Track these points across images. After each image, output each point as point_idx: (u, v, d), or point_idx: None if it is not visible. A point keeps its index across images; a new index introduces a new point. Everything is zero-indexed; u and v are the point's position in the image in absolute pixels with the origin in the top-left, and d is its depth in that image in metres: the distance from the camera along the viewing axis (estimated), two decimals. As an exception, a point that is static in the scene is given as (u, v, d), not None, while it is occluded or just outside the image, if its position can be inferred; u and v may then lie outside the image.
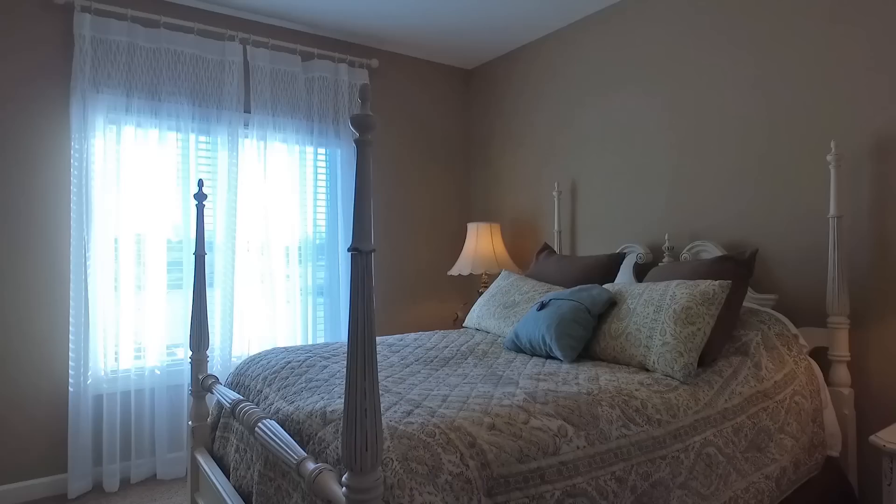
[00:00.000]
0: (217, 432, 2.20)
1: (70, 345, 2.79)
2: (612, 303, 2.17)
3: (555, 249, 3.32)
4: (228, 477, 2.00)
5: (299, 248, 3.46)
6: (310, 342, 3.51)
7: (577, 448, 1.40)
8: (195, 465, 2.24)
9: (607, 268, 2.66)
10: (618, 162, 3.15)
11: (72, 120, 2.81)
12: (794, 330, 2.17)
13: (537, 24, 3.47)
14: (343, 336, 3.61)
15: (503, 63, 3.98)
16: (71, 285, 2.79)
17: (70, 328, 2.80)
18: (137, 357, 2.98)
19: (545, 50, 3.64)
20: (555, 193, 3.42)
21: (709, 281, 1.98)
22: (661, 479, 1.53)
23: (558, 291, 2.37)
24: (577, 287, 2.27)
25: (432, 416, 1.37)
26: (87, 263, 2.82)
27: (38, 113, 2.78)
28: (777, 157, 2.45)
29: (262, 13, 3.33)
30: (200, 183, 2.27)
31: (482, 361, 2.07)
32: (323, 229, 3.60)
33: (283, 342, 3.40)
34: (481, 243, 3.57)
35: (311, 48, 3.53)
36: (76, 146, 2.81)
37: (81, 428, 2.77)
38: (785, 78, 2.43)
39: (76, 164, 2.81)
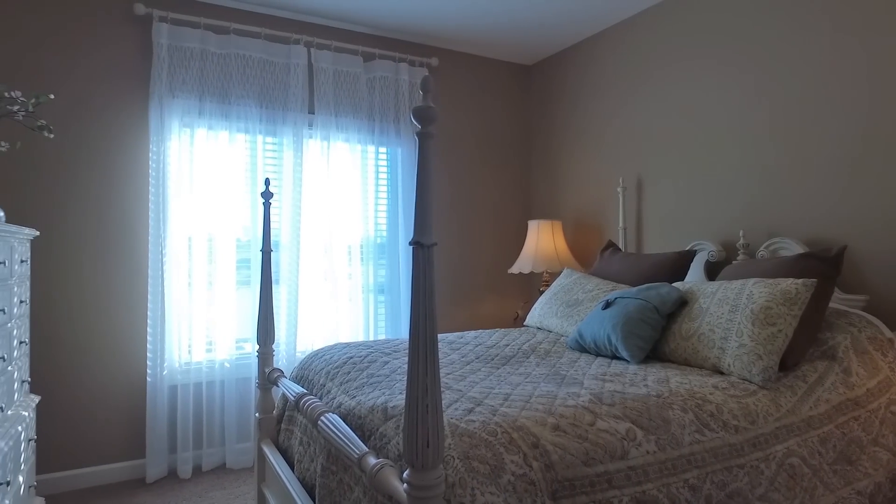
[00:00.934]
0: (282, 425, 2.25)
1: (148, 337, 2.94)
2: (683, 302, 2.06)
3: (620, 247, 3.21)
4: (293, 469, 2.05)
5: (361, 247, 3.51)
6: (371, 339, 3.55)
7: (647, 453, 1.33)
8: (262, 456, 2.30)
9: (677, 266, 2.54)
10: (687, 155, 3.00)
11: (150, 124, 2.96)
12: (888, 334, 1.99)
13: (600, 16, 3.36)
14: (403, 333, 3.63)
15: (564, 58, 3.89)
16: (149, 281, 2.94)
17: (148, 322, 2.95)
18: (209, 350, 3.10)
19: (608, 43, 3.52)
20: (619, 189, 3.30)
21: (791, 279, 1.85)
22: (739, 489, 1.43)
23: (624, 290, 2.28)
24: (645, 285, 2.18)
25: (494, 415, 1.33)
26: (164, 261, 2.96)
27: (120, 118, 2.95)
28: (877, 150, 2.25)
29: (326, 16, 3.40)
30: (267, 181, 2.33)
31: (545, 361, 2.02)
32: (384, 228, 3.64)
33: (345, 338, 3.46)
34: (542, 241, 3.50)
35: (373, 49, 3.57)
36: (154, 149, 2.96)
37: (158, 417, 2.92)
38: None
39: (154, 165, 2.96)
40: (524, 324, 2.95)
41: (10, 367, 2.06)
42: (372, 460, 1.24)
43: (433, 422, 0.99)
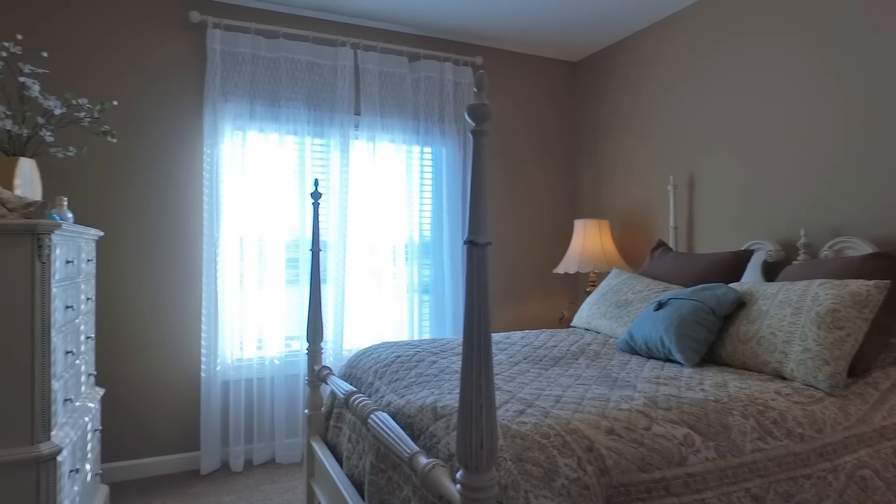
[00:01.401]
0: (331, 421, 2.29)
1: (202, 334, 3.04)
2: (741, 303, 1.98)
3: (671, 246, 3.11)
4: (341, 465, 2.07)
5: (406, 246, 3.53)
6: (415, 338, 3.57)
7: (706, 460, 1.28)
8: (311, 452, 2.34)
9: (732, 266, 2.45)
10: (743, 152, 2.89)
11: (204, 127, 3.06)
12: (969, 339, 1.86)
13: (649, 11, 3.27)
14: (447, 333, 3.63)
15: (611, 53, 3.81)
16: (203, 280, 3.04)
17: (202, 319, 3.05)
18: (259, 347, 3.18)
19: (657, 37, 3.43)
20: (670, 187, 3.21)
21: (860, 281, 1.75)
22: (805, 500, 1.36)
23: (677, 290, 2.21)
24: (700, 286, 2.10)
25: (546, 417, 1.31)
26: (217, 260, 3.05)
27: (175, 122, 3.06)
28: (945, 138, 2.11)
29: (372, 18, 3.44)
30: (316, 182, 2.37)
31: (595, 362, 1.98)
32: (428, 228, 3.65)
33: (389, 338, 3.49)
34: (589, 240, 3.44)
35: (417, 49, 3.59)
36: (208, 151, 3.06)
37: (211, 411, 3.02)
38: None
39: (208, 168, 3.06)
40: (571, 324, 2.91)
41: (77, 361, 2.17)
42: (423, 460, 1.24)
43: (487, 423, 0.98)
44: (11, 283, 1.72)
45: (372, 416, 1.57)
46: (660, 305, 2.11)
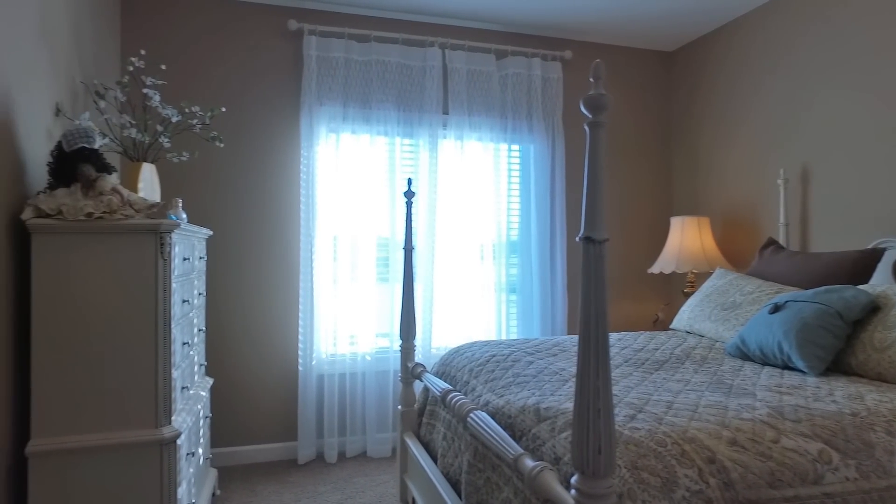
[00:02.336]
0: (424, 418, 2.30)
1: (299, 329, 3.17)
2: (874, 307, 1.79)
3: (782, 245, 2.88)
4: (436, 462, 2.08)
5: (493, 245, 3.50)
6: (502, 338, 3.53)
7: (847, 479, 1.16)
8: (404, 448, 2.37)
9: (858, 266, 2.22)
10: (866, 141, 2.62)
11: (301, 131, 3.19)
12: None
13: (758, -11, 3.05)
14: (535, 333, 3.57)
15: (710, 41, 3.59)
16: (300, 277, 3.17)
17: (299, 315, 3.18)
18: (351, 343, 3.28)
19: (763, 20, 3.18)
20: (780, 182, 2.97)
21: None
22: (965, 532, 1.20)
23: (795, 292, 2.03)
24: (823, 288, 1.92)
25: (660, 424, 1.24)
26: (313, 259, 3.17)
27: (275, 126, 3.21)
28: None
29: (459, 17, 3.44)
30: (409, 181, 2.40)
31: (703, 367, 1.86)
32: (516, 226, 3.60)
33: (476, 337, 3.48)
34: (687, 238, 3.25)
35: (505, 46, 3.55)
36: (304, 153, 3.18)
37: (307, 403, 3.14)
38: None
39: (304, 169, 3.18)
40: (670, 327, 2.76)
41: (191, 352, 2.32)
42: (529, 462, 1.21)
43: (605, 427, 0.93)
44: (138, 278, 1.87)
45: (471, 415, 1.55)
46: (776, 308, 1.95)
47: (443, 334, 3.42)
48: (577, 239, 0.98)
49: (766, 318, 1.95)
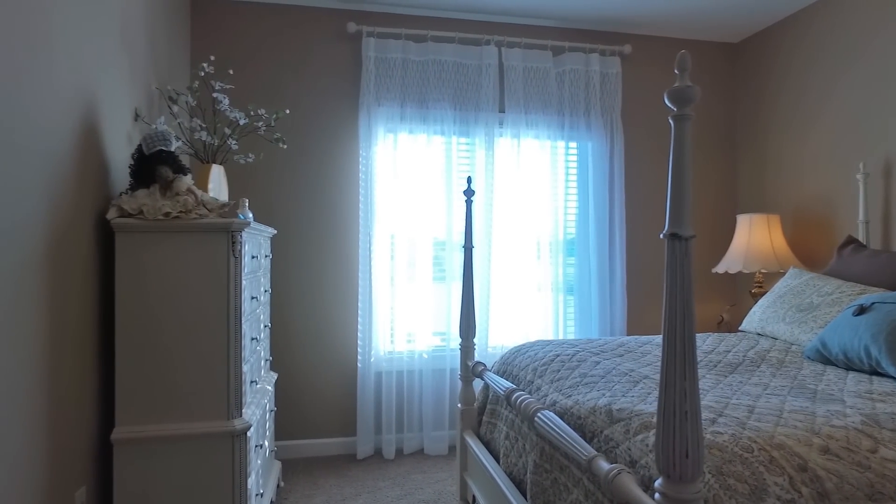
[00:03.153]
0: (484, 417, 2.30)
1: (358, 327, 3.23)
2: (975, 310, 1.66)
3: (863, 243, 2.72)
4: (498, 461, 2.07)
5: (550, 244, 3.46)
6: (560, 338, 3.48)
7: (954, 494, 1.08)
8: (464, 446, 2.37)
9: (952, 266, 2.07)
10: (962, 130, 2.43)
11: (360, 131, 3.24)
12: None
13: (834, -27, 2.88)
14: (593, 334, 3.50)
15: (778, 31, 3.42)
16: (359, 276, 3.22)
17: (358, 313, 3.24)
18: (409, 341, 3.30)
19: (832, 9, 3.01)
20: (859, 176, 2.80)
21: None
22: None
23: (882, 293, 1.91)
24: (914, 288, 1.80)
25: (743, 429, 1.19)
26: (371, 257, 3.22)
27: (335, 127, 3.27)
28: None
29: (516, 14, 3.41)
30: (469, 180, 2.40)
31: (780, 371, 1.77)
32: (573, 225, 3.54)
33: (533, 336, 3.44)
34: (756, 237, 3.11)
35: (562, 42, 3.49)
36: (363, 154, 3.23)
37: (366, 399, 3.18)
38: None
39: (363, 169, 3.23)
40: (739, 329, 2.65)
41: (258, 347, 2.40)
42: (605, 465, 1.18)
43: (692, 430, 0.90)
44: (211, 275, 1.94)
45: (538, 414, 1.53)
46: (861, 310, 1.84)
47: (499, 334, 3.40)
48: (662, 236, 0.95)
49: (850, 320, 1.84)
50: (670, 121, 0.95)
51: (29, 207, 1.48)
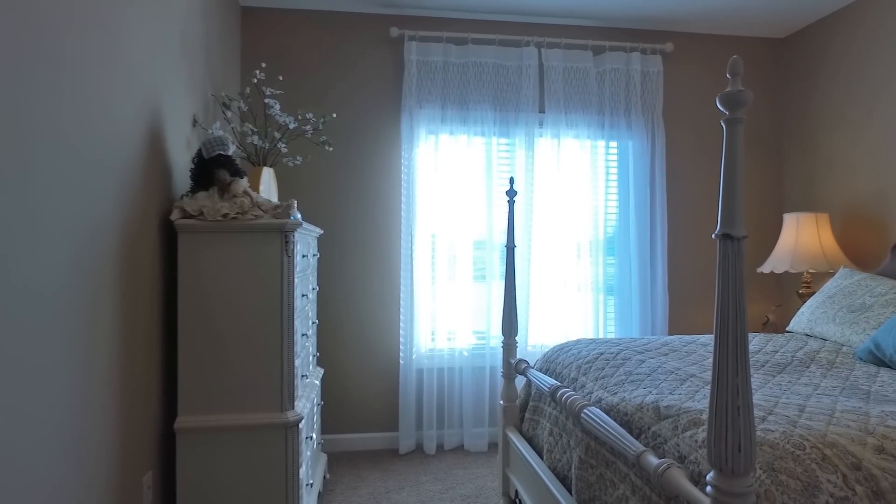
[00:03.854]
0: (527, 414, 2.33)
1: (400, 325, 3.30)
2: None
3: (917, 243, 2.64)
4: (541, 457, 2.10)
5: (590, 244, 3.46)
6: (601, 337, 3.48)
7: None
8: (506, 442, 2.41)
9: None
10: None
11: (402, 133, 3.31)
12: None
13: (888, -36, 2.80)
14: (633, 333, 3.49)
15: (827, 25, 3.34)
16: (401, 274, 3.29)
17: (400, 311, 3.31)
18: (449, 339, 3.36)
19: (886, 1, 2.92)
20: (914, 173, 2.72)
21: None
22: None
23: (939, 294, 1.86)
24: (974, 289, 1.75)
25: (794, 427, 1.20)
26: (413, 257, 3.28)
27: (377, 130, 3.36)
28: None
29: (556, 15, 3.43)
30: (512, 180, 2.44)
31: (831, 372, 1.75)
32: (613, 225, 3.54)
33: (574, 336, 3.45)
34: (804, 236, 3.05)
35: (603, 41, 3.49)
36: (405, 155, 3.30)
37: (408, 395, 3.25)
38: None
39: (405, 171, 3.30)
40: (787, 329, 2.61)
41: (307, 343, 2.49)
42: (654, 459, 1.21)
43: (745, 425, 0.92)
44: (266, 273, 2.03)
45: (584, 411, 1.56)
46: (917, 311, 1.80)
47: (539, 333, 3.42)
48: (714, 236, 0.97)
49: (904, 321, 1.81)
50: (722, 124, 0.97)
51: (106, 211, 1.59)
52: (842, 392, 1.50)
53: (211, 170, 2.08)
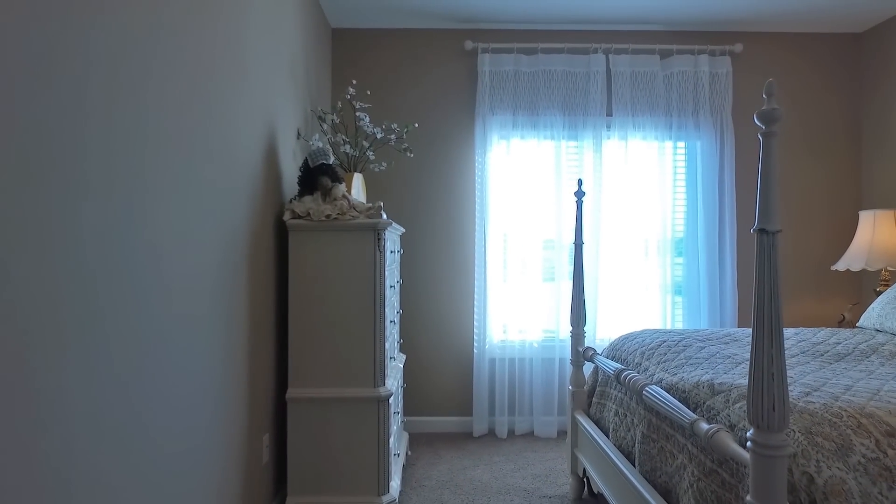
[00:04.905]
0: (594, 399, 2.52)
1: (474, 318, 3.55)
2: None
3: None
4: (607, 436, 2.28)
5: (658, 242, 3.57)
6: (668, 333, 3.58)
7: None
8: (574, 425, 2.61)
9: None
10: None
11: (475, 139, 3.57)
12: None
13: (970, -43, 2.76)
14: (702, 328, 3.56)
15: (913, 16, 3.28)
16: (475, 271, 3.55)
17: (474, 304, 3.56)
18: (520, 332, 3.57)
19: (983, -13, 2.86)
20: None
21: None
22: None
23: None
24: None
25: (836, 401, 1.34)
26: (486, 255, 3.53)
27: (453, 136, 3.62)
28: None
29: (623, 21, 3.56)
30: (580, 182, 2.63)
31: (891, 362, 1.84)
32: (681, 224, 3.62)
33: (641, 330, 3.58)
34: (880, 234, 3.04)
35: (670, 45, 3.59)
36: (478, 159, 3.55)
37: (481, 382, 3.50)
38: None
39: (478, 173, 3.55)
40: (858, 325, 2.64)
41: (393, 330, 2.79)
42: (705, 425, 1.39)
43: (778, 388, 1.09)
44: (361, 266, 2.34)
45: (646, 388, 1.75)
46: (982, 304, 1.85)
47: (607, 327, 3.57)
48: (752, 231, 1.15)
49: (969, 314, 1.86)
50: (759, 137, 1.15)
51: (239, 222, 1.94)
52: (894, 378, 1.60)
53: (315, 176, 2.42)
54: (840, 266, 3.18)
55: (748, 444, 1.16)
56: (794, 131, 3.67)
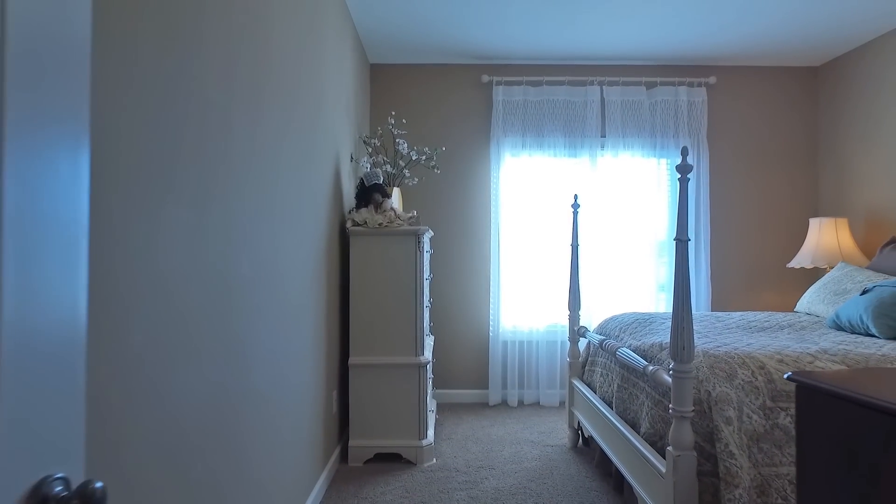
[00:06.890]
0: (586, 367, 3.22)
1: (489, 306, 4.26)
2: (943, 290, 2.31)
3: (908, 243, 3.26)
4: (595, 392, 2.98)
5: (646, 247, 4.25)
6: (652, 319, 4.26)
7: (857, 386, 1.86)
8: (571, 388, 3.31)
9: (961, 260, 2.65)
10: None
11: (490, 156, 4.27)
12: None
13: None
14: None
15: (859, 55, 3.94)
16: (490, 268, 4.25)
17: (489, 296, 4.27)
18: (530, 319, 4.28)
19: (905, 37, 3.52)
20: (913, 185, 3.33)
21: None
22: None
23: (884, 280, 2.57)
24: (907, 275, 2.46)
25: (735, 350, 2.04)
26: (499, 256, 4.23)
27: (472, 155, 4.33)
28: None
29: (615, 58, 4.25)
30: (576, 196, 3.33)
31: (797, 333, 2.53)
32: (664, 229, 4.31)
33: (629, 317, 4.27)
34: (824, 238, 3.71)
35: (654, 78, 4.28)
36: (493, 173, 4.26)
37: (495, 360, 4.21)
38: None
39: (493, 186, 4.26)
40: (794, 310, 3.32)
41: (426, 313, 3.50)
42: (651, 367, 2.09)
43: (687, 335, 1.79)
44: (405, 262, 3.05)
45: (619, 350, 2.45)
46: (865, 291, 2.53)
47: (604, 315, 4.26)
48: (673, 240, 1.85)
49: (857, 299, 2.54)
50: (677, 180, 1.84)
51: (321, 229, 2.66)
52: (788, 339, 2.29)
53: (369, 192, 3.14)
54: (794, 264, 3.85)
55: (670, 372, 1.86)
56: (760, 149, 4.34)
